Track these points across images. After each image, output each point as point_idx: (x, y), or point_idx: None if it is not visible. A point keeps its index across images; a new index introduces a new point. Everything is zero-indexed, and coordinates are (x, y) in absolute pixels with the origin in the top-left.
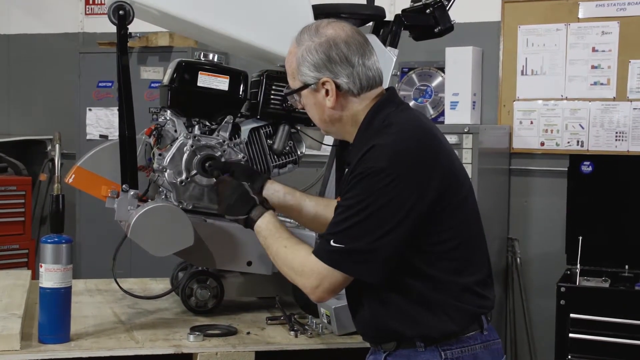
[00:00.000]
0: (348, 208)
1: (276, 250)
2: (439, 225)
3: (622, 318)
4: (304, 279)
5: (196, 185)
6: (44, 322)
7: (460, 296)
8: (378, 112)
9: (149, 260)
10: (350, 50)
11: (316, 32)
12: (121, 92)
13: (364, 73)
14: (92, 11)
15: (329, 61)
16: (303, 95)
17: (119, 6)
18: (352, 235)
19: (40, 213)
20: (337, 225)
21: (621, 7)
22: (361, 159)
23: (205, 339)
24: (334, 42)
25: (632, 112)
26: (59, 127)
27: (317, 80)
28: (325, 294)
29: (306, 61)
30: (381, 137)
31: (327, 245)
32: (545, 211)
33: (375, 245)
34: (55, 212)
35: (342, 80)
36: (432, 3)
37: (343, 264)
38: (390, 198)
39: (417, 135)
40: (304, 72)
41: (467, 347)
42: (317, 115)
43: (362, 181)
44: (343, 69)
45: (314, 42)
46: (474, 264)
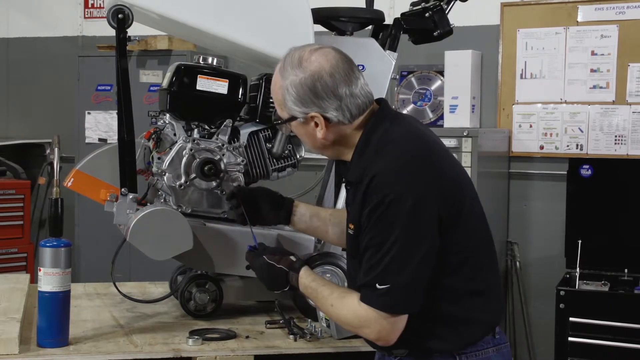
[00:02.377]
0: (380, 245)
1: (327, 311)
2: (454, 235)
3: (621, 322)
4: (366, 330)
5: (195, 189)
6: (42, 326)
7: (475, 306)
8: (374, 131)
9: (148, 264)
10: (336, 82)
11: (299, 65)
12: (120, 96)
13: (353, 103)
14: (91, 15)
15: (315, 96)
16: (292, 125)
17: (118, 10)
18: (394, 271)
19: (39, 217)
20: (376, 267)
21: (620, 10)
22: (368, 190)
23: (204, 342)
24: (318, 76)
25: (632, 115)
26: (58, 131)
27: (305, 114)
28: (393, 337)
29: (292, 95)
30: (383, 162)
31: (374, 291)
32: (544, 215)
33: (417, 272)
34: (54, 216)
35: (330, 114)
36: (432, 7)
37: (396, 305)
38: (418, 221)
39: (419, 151)
40: (290, 107)
41: (481, 351)
42: (309, 143)
43: (384, 213)
44: (330, 103)
45: (298, 77)
46: (485, 270)
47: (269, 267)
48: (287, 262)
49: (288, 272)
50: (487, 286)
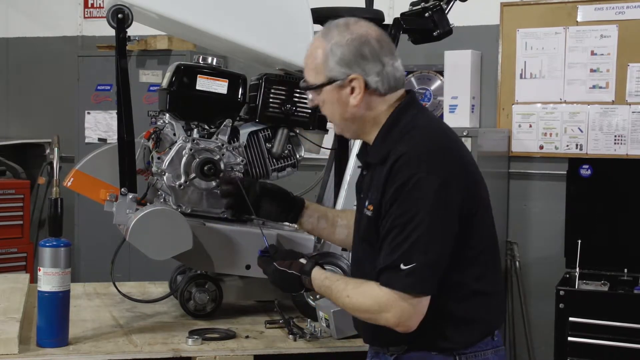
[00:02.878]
0: (405, 225)
1: (343, 304)
2: (469, 230)
3: (621, 321)
4: (387, 314)
5: (195, 188)
6: (42, 325)
7: (479, 307)
8: (402, 115)
9: (147, 264)
10: (382, 48)
11: (346, 28)
12: (120, 96)
13: (393, 73)
14: (91, 14)
15: (361, 57)
16: (325, 92)
17: (117, 9)
18: (420, 250)
19: (38, 216)
20: (401, 246)
21: (620, 10)
22: (394, 169)
23: (203, 342)
24: (365, 39)
25: (631, 115)
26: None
27: (346, 76)
28: (414, 321)
29: (336, 56)
30: (410, 143)
31: (397, 272)
32: (544, 214)
33: (441, 253)
34: (54, 216)
35: (372, 78)
36: (431, 7)
37: (420, 285)
38: (444, 202)
39: (446, 140)
40: (332, 67)
41: (480, 352)
42: (338, 113)
43: (411, 192)
44: (374, 66)
45: (345, 38)
46: (491, 272)
47: (281, 273)
48: (298, 267)
49: (300, 276)
50: (492, 288)
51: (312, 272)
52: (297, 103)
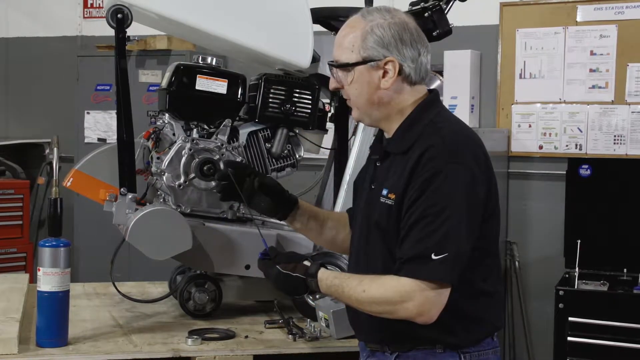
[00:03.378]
0: (437, 215)
1: (357, 299)
2: (484, 229)
3: (620, 321)
4: (408, 304)
5: (194, 188)
6: (41, 325)
7: (484, 307)
8: (426, 110)
9: (147, 264)
10: (420, 37)
11: (388, 12)
12: (119, 96)
13: (425, 65)
14: (90, 14)
15: (401, 41)
16: (356, 70)
17: (117, 9)
18: (452, 240)
19: (38, 216)
20: (431, 236)
21: (619, 10)
22: (422, 160)
23: (203, 342)
24: (406, 25)
25: (631, 115)
26: (57, 131)
27: (383, 57)
28: (436, 311)
29: (376, 35)
30: (439, 135)
31: (427, 261)
32: (543, 214)
33: (468, 245)
34: (53, 216)
35: (407, 63)
36: (431, 6)
37: (449, 275)
38: (474, 195)
39: (473, 137)
40: (370, 47)
41: (483, 352)
42: (366, 95)
43: (442, 183)
44: (411, 53)
45: (387, 20)
46: (495, 274)
47: (285, 277)
48: (302, 269)
49: (306, 279)
50: (494, 290)
51: (318, 274)
52: (297, 103)
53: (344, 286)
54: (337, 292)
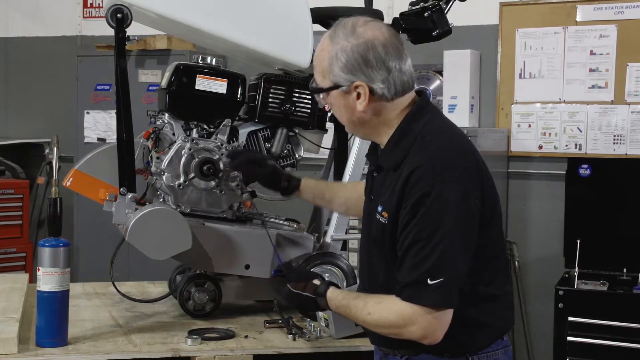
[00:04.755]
0: (428, 239)
1: (364, 321)
2: (484, 236)
3: (620, 321)
4: (412, 328)
5: (194, 188)
6: (41, 325)
7: (490, 311)
8: (414, 121)
9: (146, 264)
10: (388, 54)
11: (353, 31)
12: (119, 95)
13: (399, 78)
14: (90, 14)
15: (365, 64)
16: (331, 95)
17: (117, 9)
18: (446, 264)
19: (37, 216)
20: (425, 261)
21: (619, 10)
22: (410, 182)
23: (203, 342)
24: (371, 45)
25: (630, 115)
26: (56, 131)
27: (350, 83)
28: (440, 333)
29: (340, 62)
30: (425, 153)
31: (424, 287)
32: (543, 214)
33: (464, 265)
34: (53, 216)
35: (377, 85)
36: (430, 6)
37: (447, 299)
38: (465, 213)
39: (462, 147)
40: (336, 73)
41: (492, 353)
42: (346, 117)
43: (430, 206)
44: (379, 73)
45: (350, 43)
46: (502, 275)
47: (296, 295)
48: (312, 289)
49: (315, 298)
50: (502, 292)
51: (327, 293)
52: (296, 103)
53: (350, 307)
54: (345, 312)
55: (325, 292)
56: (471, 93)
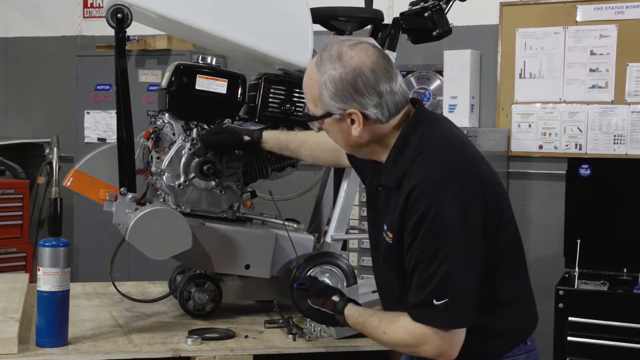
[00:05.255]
0: (431, 259)
1: (380, 340)
2: (493, 245)
3: (620, 321)
4: (425, 347)
5: (194, 188)
6: (41, 325)
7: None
8: (412, 134)
9: (147, 264)
10: (377, 78)
11: (339, 59)
12: (119, 95)
13: (392, 100)
14: (90, 14)
15: (355, 92)
16: (326, 122)
17: (117, 9)
18: (450, 284)
19: (38, 216)
20: (430, 282)
21: (619, 10)
22: (410, 201)
23: (203, 342)
24: (359, 71)
25: (630, 115)
26: (57, 130)
27: (343, 111)
28: (454, 351)
29: (330, 91)
30: (423, 170)
31: (430, 307)
32: (543, 214)
33: (471, 283)
34: (53, 216)
35: (370, 111)
36: (431, 6)
37: (456, 319)
38: (467, 229)
39: (460, 159)
40: (327, 102)
41: (512, 358)
42: (342, 141)
43: (431, 225)
44: (370, 99)
45: (338, 72)
46: (520, 276)
47: (315, 311)
48: (330, 305)
49: (334, 315)
50: (520, 292)
51: (344, 310)
52: (297, 103)
53: (366, 325)
54: (362, 329)
55: (343, 309)
56: (471, 93)
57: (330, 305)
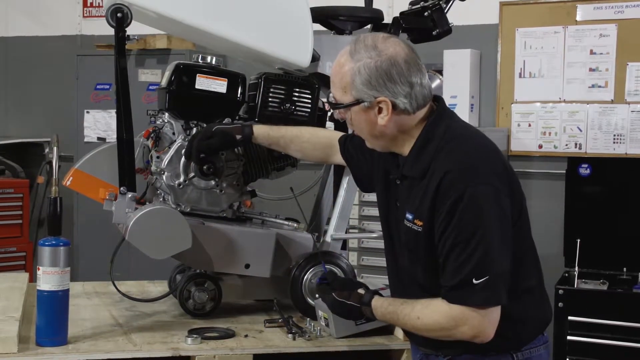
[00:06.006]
0: (468, 240)
1: (413, 326)
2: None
3: (620, 320)
4: (462, 328)
5: (194, 187)
6: (41, 324)
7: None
8: (435, 128)
9: (146, 263)
10: (410, 69)
11: (374, 47)
12: (119, 95)
13: (421, 92)
14: (90, 13)
15: (389, 80)
16: (352, 110)
17: (117, 9)
18: (489, 262)
19: (38, 216)
20: (468, 262)
21: (619, 9)
22: (442, 187)
23: (203, 341)
24: (394, 61)
25: (630, 114)
26: (56, 130)
27: (374, 98)
28: (491, 331)
29: (363, 77)
30: (453, 157)
31: (470, 287)
32: (543, 214)
33: (507, 262)
34: (53, 215)
35: (400, 100)
36: (431, 6)
37: (495, 297)
38: (500, 211)
39: (487, 147)
40: (359, 89)
41: (534, 349)
42: (366, 131)
43: (466, 208)
44: (402, 89)
45: (373, 59)
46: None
47: (340, 304)
48: (357, 298)
49: (360, 307)
50: (538, 283)
51: (372, 302)
52: (297, 102)
53: (398, 313)
54: (393, 319)
55: (370, 300)
56: (471, 92)
57: (356, 297)
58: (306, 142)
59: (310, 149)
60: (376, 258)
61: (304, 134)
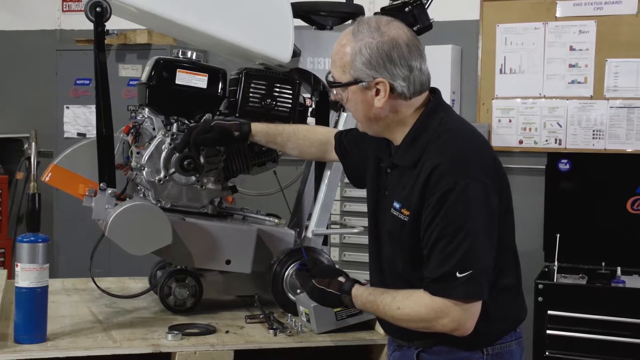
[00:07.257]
0: (455, 233)
1: (393, 316)
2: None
3: (599, 314)
4: (443, 321)
5: (174, 183)
6: (19, 322)
7: (508, 302)
8: (429, 119)
9: (127, 259)
10: (411, 53)
11: (377, 28)
12: (99, 90)
13: (419, 78)
14: (69, 8)
15: (389, 61)
16: (349, 90)
17: (96, 3)
18: (474, 257)
19: (16, 212)
20: (453, 255)
21: (598, 6)
22: (431, 179)
23: (183, 338)
24: (396, 43)
25: (609, 110)
26: (36, 125)
27: (372, 79)
28: (471, 324)
29: (364, 57)
30: (444, 150)
31: (453, 280)
32: (523, 209)
33: (491, 257)
34: (32, 211)
35: (398, 83)
36: (411, 1)
37: (477, 291)
38: (488, 206)
39: (479, 143)
40: (358, 68)
41: (505, 344)
42: (362, 112)
43: (454, 201)
44: (401, 71)
45: (375, 40)
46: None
47: (319, 291)
48: (336, 285)
49: (340, 295)
50: (515, 282)
51: (352, 290)
52: (277, 98)
53: (378, 303)
54: (372, 308)
55: (351, 289)
56: (452, 88)
57: (336, 285)
58: (303, 139)
59: (307, 145)
60: (358, 254)
61: (301, 131)
